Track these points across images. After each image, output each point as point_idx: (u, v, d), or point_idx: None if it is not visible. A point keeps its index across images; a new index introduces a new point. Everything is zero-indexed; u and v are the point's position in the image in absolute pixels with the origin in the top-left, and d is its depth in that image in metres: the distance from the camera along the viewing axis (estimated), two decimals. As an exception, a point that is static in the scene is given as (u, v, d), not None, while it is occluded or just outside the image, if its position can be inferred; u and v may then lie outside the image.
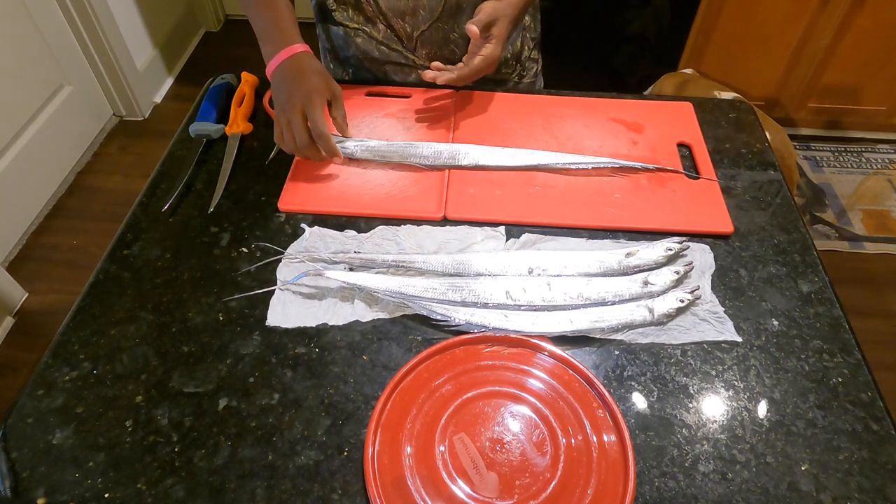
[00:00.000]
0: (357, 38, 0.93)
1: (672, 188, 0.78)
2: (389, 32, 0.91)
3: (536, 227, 0.74)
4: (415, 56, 0.93)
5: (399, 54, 0.93)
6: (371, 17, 0.90)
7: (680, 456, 0.55)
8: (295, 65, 0.76)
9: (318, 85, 0.74)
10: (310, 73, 0.75)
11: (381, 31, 0.91)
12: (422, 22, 0.89)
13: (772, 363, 0.62)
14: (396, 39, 0.92)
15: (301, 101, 0.72)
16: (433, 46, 0.92)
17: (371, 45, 0.93)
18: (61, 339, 0.64)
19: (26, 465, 0.55)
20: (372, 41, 0.93)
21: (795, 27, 1.85)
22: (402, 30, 0.90)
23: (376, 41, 0.92)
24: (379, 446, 0.54)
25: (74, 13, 1.95)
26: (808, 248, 0.72)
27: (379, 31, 0.91)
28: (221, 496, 0.53)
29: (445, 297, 0.65)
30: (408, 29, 0.90)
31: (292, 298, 0.66)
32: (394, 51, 0.93)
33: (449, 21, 0.88)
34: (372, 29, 0.91)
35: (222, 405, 0.58)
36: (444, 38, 0.91)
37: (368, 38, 0.93)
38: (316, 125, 0.72)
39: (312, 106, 0.72)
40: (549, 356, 0.60)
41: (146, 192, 0.79)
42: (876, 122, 2.12)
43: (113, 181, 2.07)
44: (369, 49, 0.94)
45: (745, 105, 0.92)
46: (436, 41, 0.91)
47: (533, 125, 0.86)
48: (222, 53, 2.63)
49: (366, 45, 0.94)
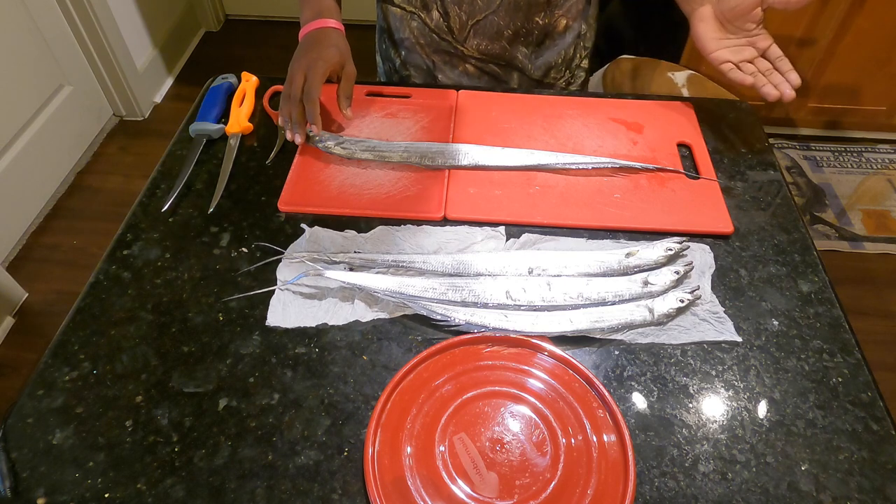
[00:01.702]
0: (412, 21, 0.95)
1: (672, 188, 0.78)
2: (442, 22, 0.93)
3: (536, 227, 0.74)
4: (464, 47, 0.94)
5: (448, 44, 0.95)
6: (428, 3, 0.92)
7: (680, 456, 0.55)
8: (320, 35, 0.81)
9: (330, 56, 0.77)
10: (328, 45, 0.78)
11: (434, 18, 0.93)
12: (478, 12, 0.90)
13: (772, 363, 0.62)
14: (447, 30, 0.94)
15: (307, 64, 0.76)
16: (484, 38, 0.93)
17: (424, 31, 0.95)
18: (61, 339, 0.64)
19: (26, 465, 0.55)
20: (425, 27, 0.94)
21: (795, 27, 1.85)
22: (456, 17, 0.91)
23: (428, 28, 0.94)
24: (379, 446, 0.54)
25: (74, 13, 1.95)
26: (808, 248, 0.72)
27: (432, 19, 0.93)
28: (221, 496, 0.53)
29: (445, 297, 0.65)
30: (463, 17, 0.91)
31: (292, 298, 0.66)
32: (444, 40, 0.95)
33: (505, 16, 0.89)
34: (426, 15, 0.93)
35: (222, 405, 0.58)
36: (497, 31, 0.92)
37: (422, 24, 0.94)
38: (309, 86, 0.75)
39: (314, 70, 0.76)
40: (549, 356, 0.60)
41: (146, 192, 0.79)
42: (876, 122, 2.12)
43: (113, 181, 2.07)
44: (423, 34, 0.96)
45: (745, 105, 0.92)
46: (488, 34, 0.92)
47: (533, 125, 0.86)
48: (222, 53, 2.63)
49: (419, 30, 0.95)
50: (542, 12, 0.93)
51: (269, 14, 2.77)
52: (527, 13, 0.91)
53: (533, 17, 0.93)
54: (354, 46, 0.84)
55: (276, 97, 0.92)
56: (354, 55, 0.83)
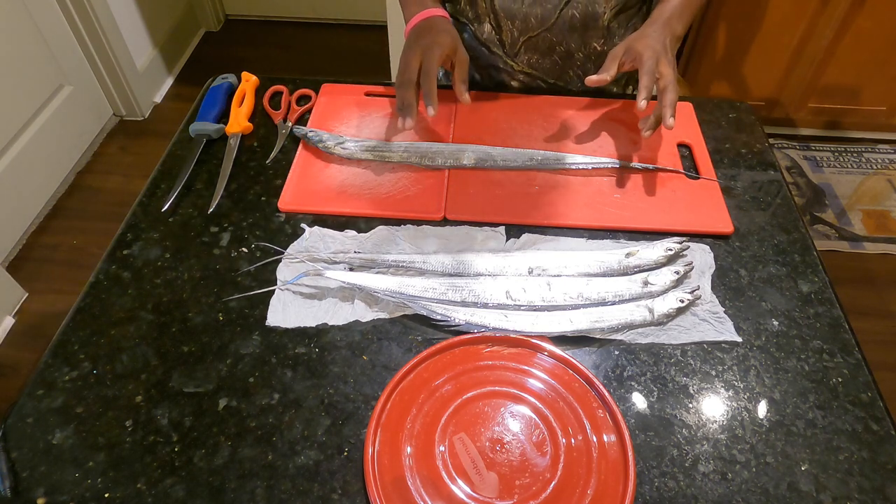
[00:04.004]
0: (464, 33, 0.94)
1: (672, 188, 0.78)
2: (493, 35, 0.92)
3: (536, 227, 0.74)
4: (514, 62, 0.93)
5: (498, 58, 0.94)
6: (481, 15, 0.91)
7: (680, 456, 0.55)
8: (430, 23, 0.81)
9: (445, 41, 0.77)
10: (441, 30, 0.79)
11: (485, 31, 0.92)
12: (531, 29, 0.89)
13: (772, 363, 0.62)
14: (498, 43, 0.93)
15: (423, 48, 0.76)
16: (536, 54, 0.92)
17: (475, 43, 0.94)
18: (61, 339, 0.64)
19: (26, 465, 0.55)
20: (475, 39, 0.94)
21: (795, 27, 1.85)
22: (508, 33, 0.90)
23: (479, 40, 0.93)
24: (379, 446, 0.54)
25: (74, 13, 1.95)
26: (808, 248, 0.72)
27: (483, 32, 0.92)
28: (221, 496, 0.53)
29: (445, 297, 0.65)
30: (515, 33, 0.90)
31: (292, 298, 0.66)
32: (493, 53, 0.94)
33: (558, 34, 0.88)
34: (478, 28, 0.92)
35: (222, 405, 0.58)
36: (549, 47, 0.91)
37: (472, 36, 0.94)
38: (427, 67, 0.75)
39: (430, 53, 0.75)
40: (549, 356, 0.60)
41: (146, 192, 0.79)
42: (876, 122, 2.12)
43: (113, 181, 2.07)
44: (473, 46, 0.95)
45: (745, 105, 0.92)
46: (541, 50, 0.91)
47: (533, 125, 0.86)
48: (222, 53, 2.63)
49: (470, 42, 0.95)
50: (602, 38, 0.90)
51: (269, 14, 2.78)
52: (583, 35, 0.89)
53: (590, 41, 0.90)
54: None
55: (276, 97, 0.92)
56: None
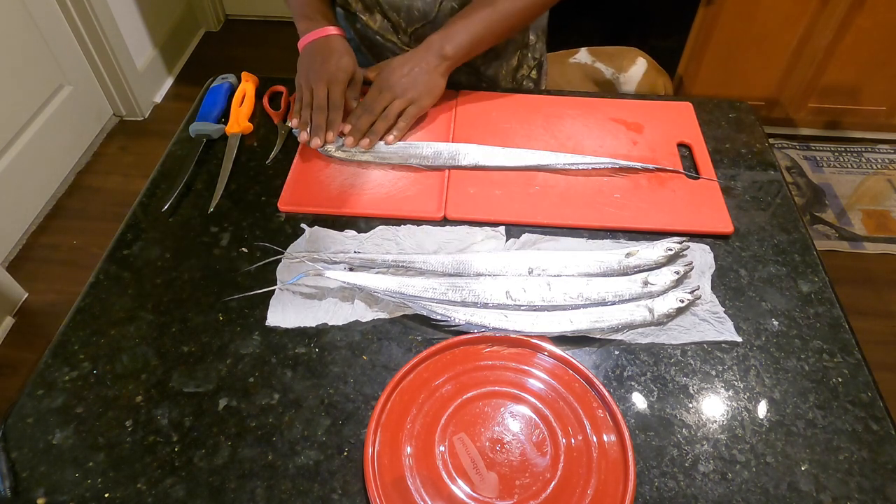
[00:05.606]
0: (356, 24, 0.95)
1: (672, 188, 0.78)
2: (386, 23, 0.93)
3: (536, 227, 0.74)
4: (410, 49, 0.93)
5: (395, 45, 0.95)
6: (369, 6, 0.92)
7: (680, 456, 0.55)
8: (328, 44, 0.84)
9: (347, 65, 0.83)
10: (340, 53, 0.84)
11: (377, 20, 0.93)
12: (415, 21, 0.90)
13: (772, 363, 0.62)
14: (392, 30, 0.93)
15: (328, 74, 0.81)
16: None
17: (369, 33, 0.95)
18: (61, 339, 0.64)
19: (26, 465, 0.55)
20: (368, 29, 0.94)
21: (795, 27, 1.85)
22: (398, 23, 0.91)
23: (372, 30, 0.94)
24: (379, 446, 0.54)
25: (74, 13, 1.95)
26: (808, 248, 0.72)
27: (376, 21, 0.93)
28: (221, 496, 0.53)
29: (445, 297, 0.65)
30: (402, 24, 0.91)
31: (292, 298, 0.66)
32: (388, 41, 0.94)
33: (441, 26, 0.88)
34: (369, 18, 0.93)
35: (222, 405, 0.58)
36: None
37: (365, 26, 0.94)
38: (335, 98, 0.81)
39: (336, 81, 0.81)
40: (549, 356, 0.60)
41: (146, 192, 0.79)
42: (876, 122, 2.12)
43: (113, 181, 2.07)
44: (368, 35, 0.96)
45: (745, 105, 0.92)
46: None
47: (533, 125, 0.86)
48: (222, 53, 2.63)
49: (364, 31, 0.96)
50: None
51: (269, 14, 2.78)
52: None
53: None
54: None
55: (276, 97, 0.92)
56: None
